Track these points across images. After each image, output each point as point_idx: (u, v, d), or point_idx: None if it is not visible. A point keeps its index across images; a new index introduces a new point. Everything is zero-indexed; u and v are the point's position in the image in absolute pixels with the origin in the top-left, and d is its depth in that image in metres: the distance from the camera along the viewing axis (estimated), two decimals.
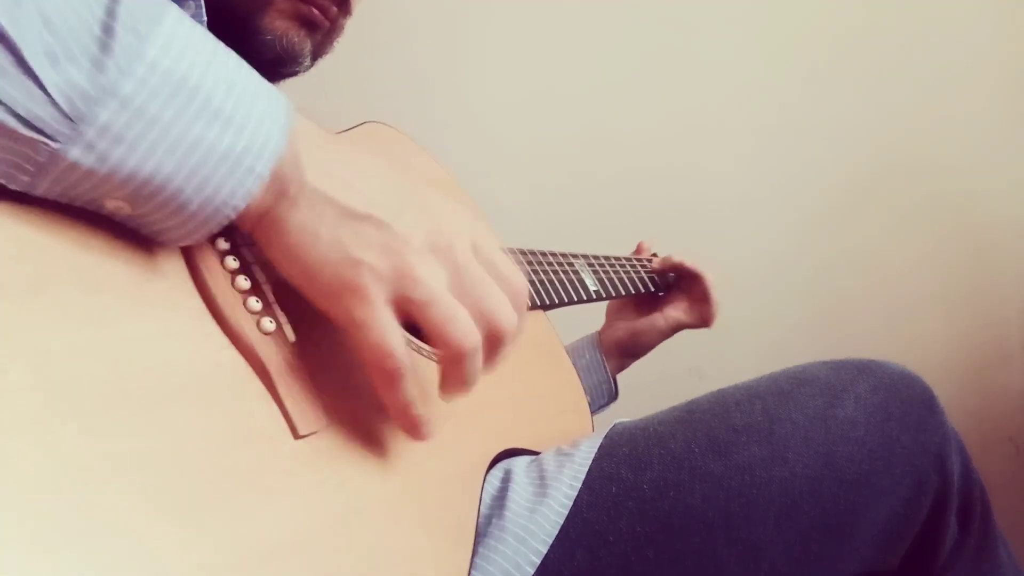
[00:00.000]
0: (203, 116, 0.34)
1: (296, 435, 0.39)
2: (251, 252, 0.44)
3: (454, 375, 0.42)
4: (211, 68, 0.35)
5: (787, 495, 0.54)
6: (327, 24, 0.67)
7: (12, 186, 0.32)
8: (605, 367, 0.92)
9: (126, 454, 0.32)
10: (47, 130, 0.31)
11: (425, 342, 0.50)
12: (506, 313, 0.42)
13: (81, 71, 0.31)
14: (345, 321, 0.39)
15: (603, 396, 0.92)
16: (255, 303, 0.41)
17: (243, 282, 0.41)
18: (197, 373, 0.37)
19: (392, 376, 0.40)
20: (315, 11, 0.65)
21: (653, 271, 0.93)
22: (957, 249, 1.49)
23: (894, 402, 0.58)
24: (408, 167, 0.72)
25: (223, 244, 0.42)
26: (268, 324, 0.41)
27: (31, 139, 0.31)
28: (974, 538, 0.61)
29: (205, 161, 0.34)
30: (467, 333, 0.40)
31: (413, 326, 0.46)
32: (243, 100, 0.35)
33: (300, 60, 0.66)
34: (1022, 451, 1.49)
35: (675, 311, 0.93)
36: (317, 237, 0.38)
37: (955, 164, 1.48)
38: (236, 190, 0.35)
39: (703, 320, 0.94)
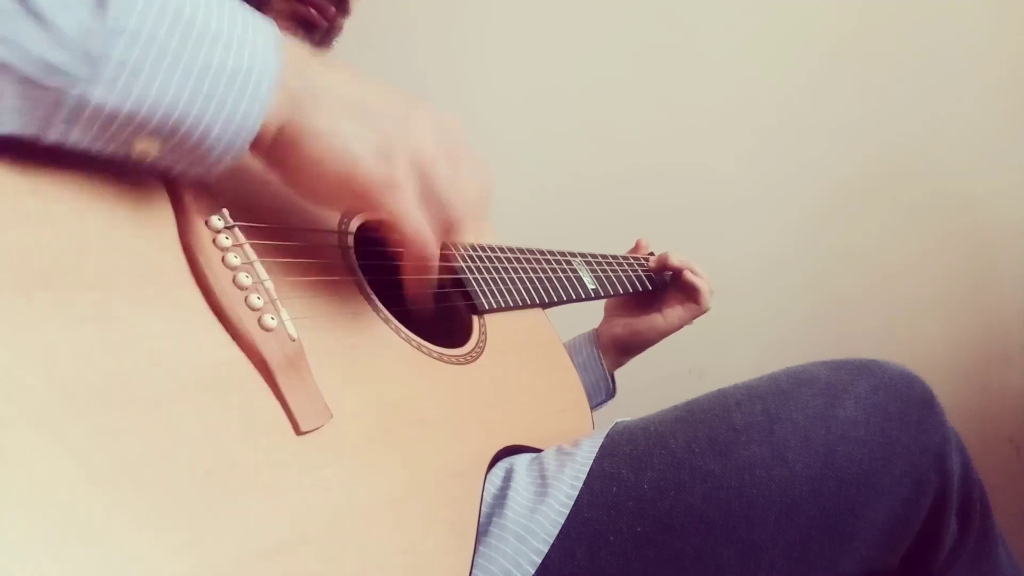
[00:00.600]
0: (205, 40, 0.36)
1: (298, 431, 0.40)
2: (253, 248, 0.44)
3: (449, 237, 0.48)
4: None
5: (787, 495, 0.54)
6: (325, 24, 0.67)
7: (49, 137, 0.34)
8: (602, 364, 0.92)
9: (131, 451, 0.32)
10: (70, 73, 0.32)
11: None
12: (472, 203, 0.48)
13: (88, 13, 0.32)
14: (384, 213, 0.44)
15: (601, 393, 0.92)
16: (256, 300, 0.41)
17: (244, 279, 0.41)
18: (200, 371, 0.37)
19: (428, 256, 0.46)
20: (313, 11, 0.65)
21: (650, 271, 0.93)
22: (957, 249, 1.49)
23: (894, 402, 0.58)
24: None
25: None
26: (270, 321, 0.41)
27: (56, 85, 0.32)
28: (974, 538, 0.61)
29: (218, 82, 0.36)
30: (469, 204, 0.47)
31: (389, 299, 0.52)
32: (235, 23, 0.37)
33: None
34: (1022, 451, 1.49)
35: (673, 310, 0.93)
36: (345, 137, 0.41)
37: (955, 164, 1.48)
38: (252, 106, 0.37)
39: (699, 309, 0.93)
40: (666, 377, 0.98)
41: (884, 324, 1.49)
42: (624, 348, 0.94)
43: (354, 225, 0.58)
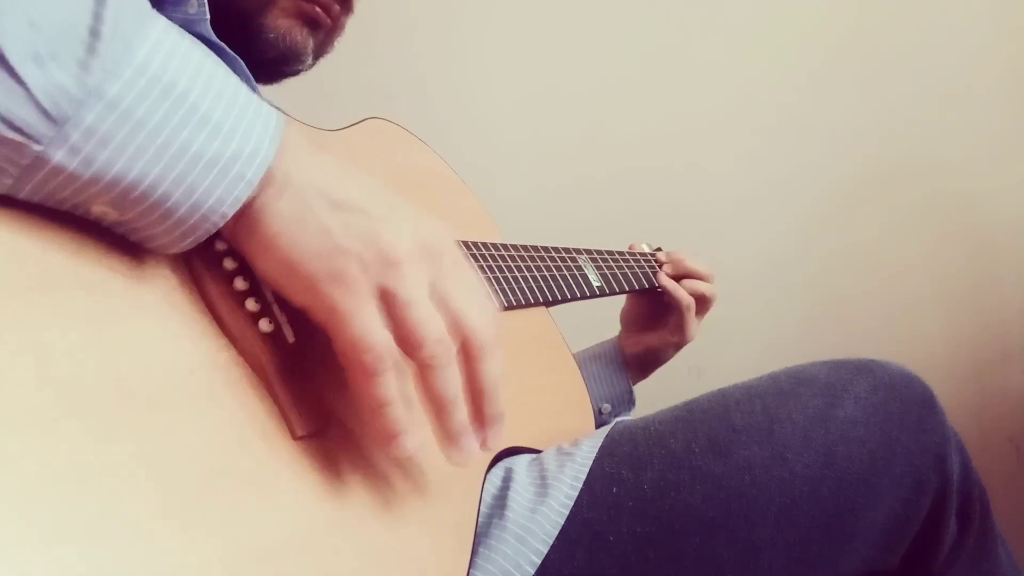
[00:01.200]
0: (191, 121, 0.33)
1: (295, 436, 0.39)
2: None
3: (430, 385, 0.40)
4: (200, 75, 0.34)
5: (787, 495, 0.54)
6: (329, 23, 0.67)
7: None
8: (627, 378, 0.91)
9: (127, 454, 0.32)
10: (30, 131, 0.30)
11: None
12: (485, 323, 0.41)
13: (67, 72, 0.30)
14: (327, 313, 0.38)
15: (624, 404, 0.91)
16: (253, 304, 0.41)
17: (241, 283, 0.41)
18: (196, 373, 0.37)
19: (371, 370, 0.38)
20: (318, 9, 0.65)
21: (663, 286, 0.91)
22: (957, 249, 1.49)
23: (894, 402, 0.58)
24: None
25: (221, 245, 0.42)
26: (266, 325, 0.41)
27: (13, 141, 0.30)
28: (973, 538, 0.61)
29: (193, 166, 0.33)
30: (440, 339, 0.39)
31: None
32: (233, 108, 0.35)
33: (303, 58, 0.66)
34: (1022, 451, 1.49)
35: (676, 327, 0.90)
36: (304, 225, 0.37)
37: (955, 164, 1.48)
38: (225, 197, 0.35)
39: (684, 336, 0.90)
40: (666, 377, 0.98)
41: (884, 324, 1.49)
42: (641, 365, 0.93)
43: None
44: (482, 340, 0.41)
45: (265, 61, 0.65)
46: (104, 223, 0.35)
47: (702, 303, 0.90)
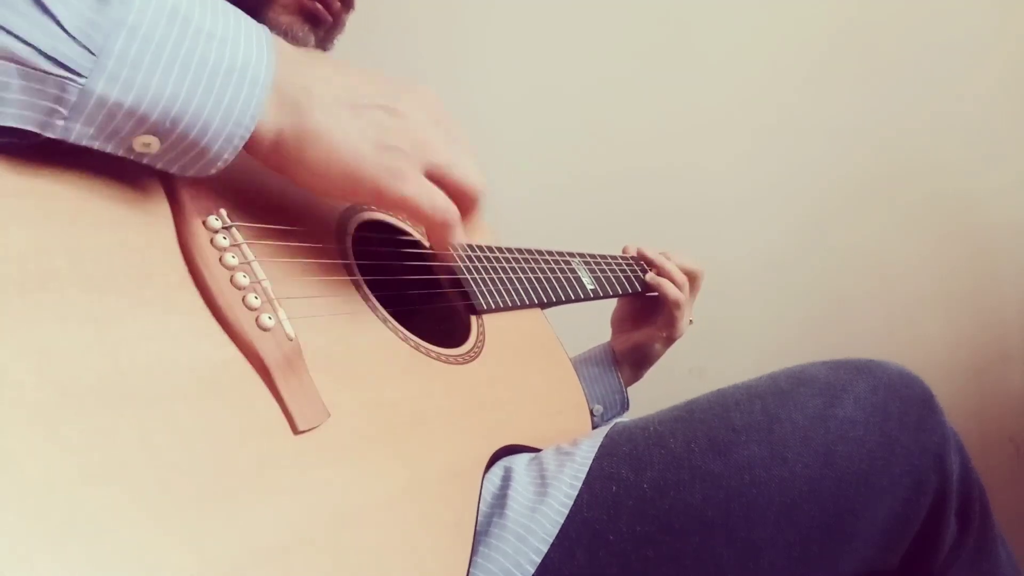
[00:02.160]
0: (200, 36, 0.36)
1: (296, 431, 0.40)
2: (250, 248, 0.44)
3: (469, 219, 0.49)
4: None
5: (787, 495, 0.54)
6: (330, 19, 0.67)
7: (49, 133, 0.34)
8: (619, 378, 0.91)
9: (128, 452, 0.32)
10: (73, 66, 0.32)
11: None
12: (482, 181, 0.50)
13: (88, 5, 0.33)
14: (396, 202, 0.45)
15: (616, 407, 0.91)
16: (254, 299, 0.41)
17: (242, 279, 0.41)
18: (197, 371, 0.37)
19: (449, 224, 0.47)
20: (319, 6, 0.65)
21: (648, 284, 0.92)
22: (957, 249, 1.49)
23: (893, 402, 0.58)
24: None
25: (215, 223, 0.42)
26: (267, 320, 0.41)
27: (60, 77, 0.32)
28: (973, 538, 0.61)
29: (215, 77, 0.37)
30: (479, 179, 0.49)
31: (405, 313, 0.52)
32: (228, 21, 0.38)
33: None
34: (1022, 451, 1.49)
35: (663, 316, 0.91)
36: (346, 134, 0.42)
37: (955, 164, 1.48)
38: (249, 101, 0.38)
39: (668, 307, 0.90)
40: (666, 377, 0.98)
41: (884, 324, 1.49)
42: (634, 362, 0.93)
43: (353, 225, 0.58)
44: (480, 197, 0.50)
45: None
46: (146, 158, 0.37)
47: (693, 286, 0.93)
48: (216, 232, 0.43)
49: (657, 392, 0.91)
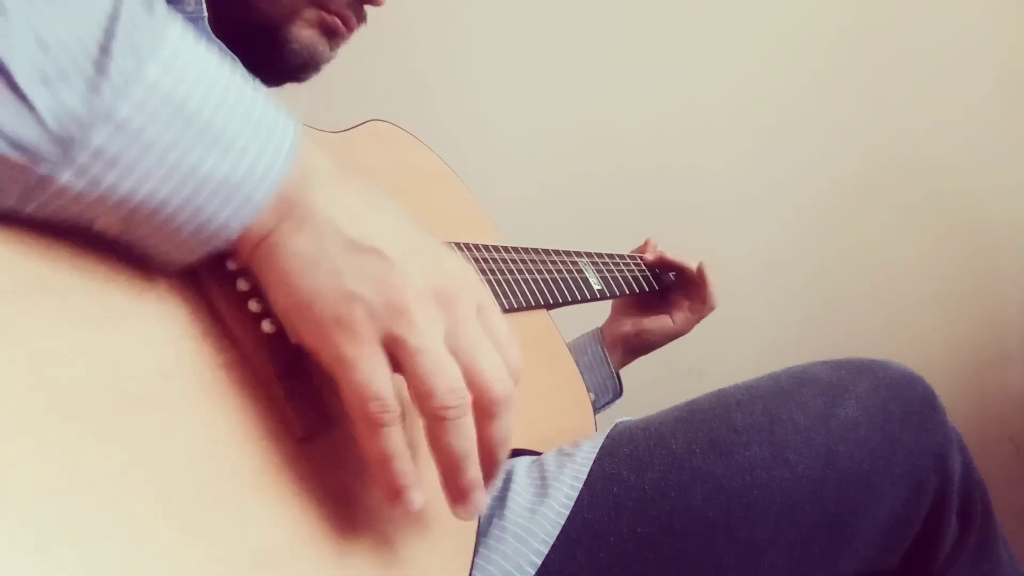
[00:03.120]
0: (202, 141, 0.33)
1: (296, 437, 0.39)
2: None
3: (440, 439, 0.37)
4: (214, 90, 0.33)
5: (788, 495, 0.54)
6: (346, 33, 0.68)
7: (2, 205, 0.31)
8: (608, 363, 0.91)
9: (127, 457, 0.32)
10: (37, 154, 0.30)
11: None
12: (500, 377, 0.38)
13: (75, 93, 0.30)
14: (331, 359, 0.36)
15: (608, 393, 0.91)
16: (255, 305, 0.41)
17: (243, 284, 0.41)
18: (198, 375, 0.37)
19: (375, 421, 0.36)
20: (338, 21, 0.66)
21: (648, 264, 0.93)
22: (957, 249, 1.49)
23: (895, 402, 0.58)
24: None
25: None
26: (268, 326, 0.41)
27: (19, 163, 0.30)
28: (974, 537, 0.61)
29: (201, 188, 0.33)
30: (453, 388, 0.36)
31: None
32: (246, 125, 0.34)
33: (320, 68, 0.68)
34: (1022, 451, 1.49)
35: (681, 313, 0.91)
36: (316, 266, 0.36)
37: (955, 164, 1.48)
38: (231, 220, 0.34)
39: (706, 307, 0.91)
40: (666, 377, 0.98)
41: (884, 324, 1.49)
42: (631, 348, 0.93)
43: None
44: (496, 394, 0.38)
45: (286, 69, 0.66)
46: (108, 236, 0.34)
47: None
48: None
49: (657, 392, 0.91)
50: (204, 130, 0.33)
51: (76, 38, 0.30)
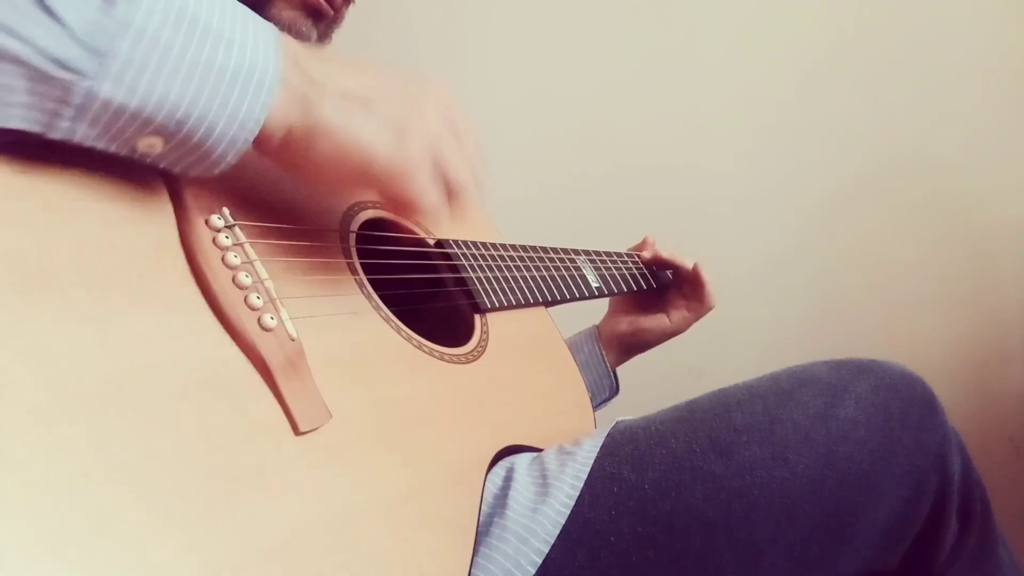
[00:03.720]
0: (208, 39, 0.36)
1: (297, 432, 0.39)
2: (253, 248, 0.44)
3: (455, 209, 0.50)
4: None
5: (788, 495, 0.54)
6: (331, 13, 0.67)
7: (52, 134, 0.34)
8: (605, 361, 0.91)
9: (129, 453, 0.32)
10: (78, 68, 0.33)
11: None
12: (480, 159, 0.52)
13: (95, 8, 0.33)
14: (402, 197, 0.46)
15: (604, 391, 0.91)
16: (256, 299, 0.41)
17: (244, 279, 0.41)
18: (199, 371, 0.37)
19: (439, 218, 0.49)
20: (322, 0, 0.65)
21: (646, 262, 0.93)
22: (957, 249, 1.49)
23: (895, 402, 0.58)
24: None
25: (217, 221, 0.42)
26: (269, 320, 0.41)
27: (65, 80, 0.33)
28: (974, 538, 0.61)
29: (220, 80, 0.37)
30: (465, 176, 0.50)
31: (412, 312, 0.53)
32: (236, 21, 0.38)
33: None
34: (1022, 451, 1.49)
35: (678, 312, 0.91)
36: (358, 128, 0.43)
37: (955, 164, 1.48)
38: (254, 104, 0.38)
39: (703, 307, 0.91)
40: (666, 377, 0.98)
41: (884, 324, 1.49)
42: (627, 346, 0.93)
43: (356, 224, 0.58)
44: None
45: None
46: (149, 158, 0.38)
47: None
48: (218, 231, 0.43)
49: (657, 392, 0.91)
50: (206, 31, 0.37)
51: None
